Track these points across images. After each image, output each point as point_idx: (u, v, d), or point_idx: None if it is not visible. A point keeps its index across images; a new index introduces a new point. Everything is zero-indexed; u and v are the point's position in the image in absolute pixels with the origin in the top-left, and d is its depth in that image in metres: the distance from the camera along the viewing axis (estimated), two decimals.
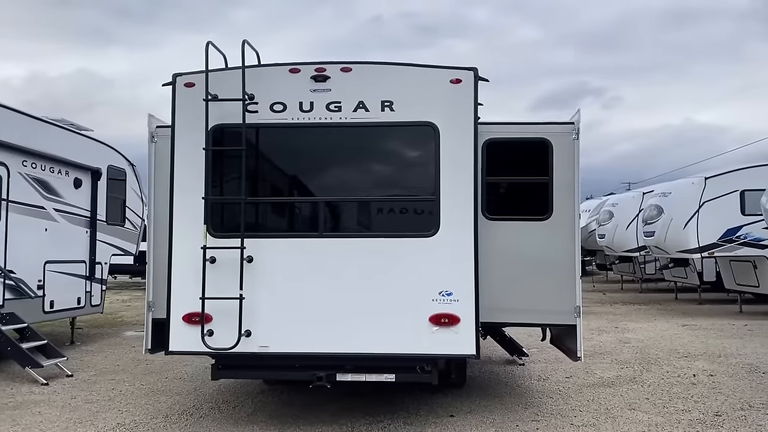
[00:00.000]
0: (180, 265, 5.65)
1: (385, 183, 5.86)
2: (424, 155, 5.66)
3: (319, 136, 5.84)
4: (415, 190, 5.79)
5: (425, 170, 5.63)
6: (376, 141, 5.89)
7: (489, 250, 5.80)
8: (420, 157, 5.82)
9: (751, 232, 15.51)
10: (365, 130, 5.78)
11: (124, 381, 8.53)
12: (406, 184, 5.84)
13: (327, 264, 5.60)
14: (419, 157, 5.83)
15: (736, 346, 11.53)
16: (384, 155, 5.93)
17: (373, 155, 5.95)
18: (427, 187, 5.58)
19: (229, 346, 5.49)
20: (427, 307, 5.46)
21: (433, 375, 5.63)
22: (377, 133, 5.79)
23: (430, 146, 5.55)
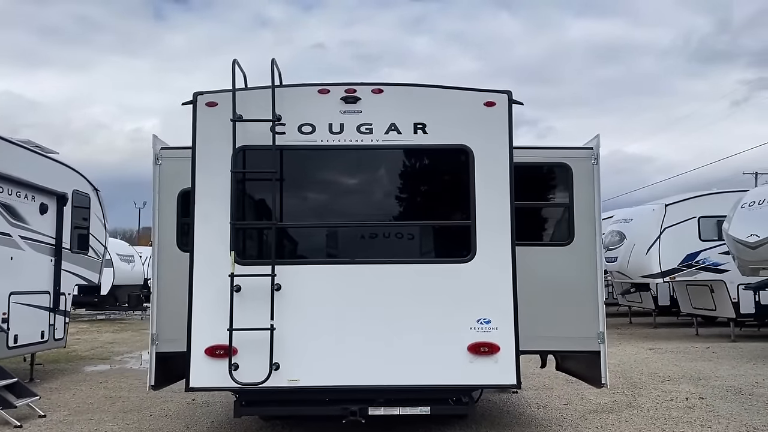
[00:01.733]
0: (202, 295, 5.30)
1: (418, 207, 5.70)
2: (459, 179, 5.54)
3: (349, 158, 5.64)
4: (450, 214, 5.64)
5: (460, 194, 5.50)
6: (408, 164, 5.74)
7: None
8: (454, 180, 5.69)
9: (709, 257, 16.10)
10: (397, 153, 5.62)
11: (104, 421, 7.93)
12: (440, 209, 5.69)
13: (359, 292, 5.36)
14: (453, 180, 5.70)
15: (709, 368, 11.81)
16: (417, 179, 5.77)
17: (406, 179, 5.78)
18: (462, 212, 5.45)
19: (258, 381, 5.15)
20: (465, 336, 5.28)
21: (470, 406, 5.45)
22: (410, 156, 5.64)
23: (465, 170, 5.43)
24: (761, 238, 12.33)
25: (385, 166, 5.71)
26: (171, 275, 6.17)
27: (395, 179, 5.76)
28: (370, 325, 5.32)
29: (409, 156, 5.63)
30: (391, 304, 5.34)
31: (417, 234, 5.72)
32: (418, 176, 5.77)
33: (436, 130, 5.46)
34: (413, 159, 5.67)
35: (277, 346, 5.22)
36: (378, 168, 5.69)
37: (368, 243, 5.53)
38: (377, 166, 5.68)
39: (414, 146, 5.50)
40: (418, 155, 5.62)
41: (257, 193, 5.56)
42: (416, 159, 5.67)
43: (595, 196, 6.29)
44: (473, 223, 5.36)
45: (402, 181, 5.79)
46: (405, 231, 5.70)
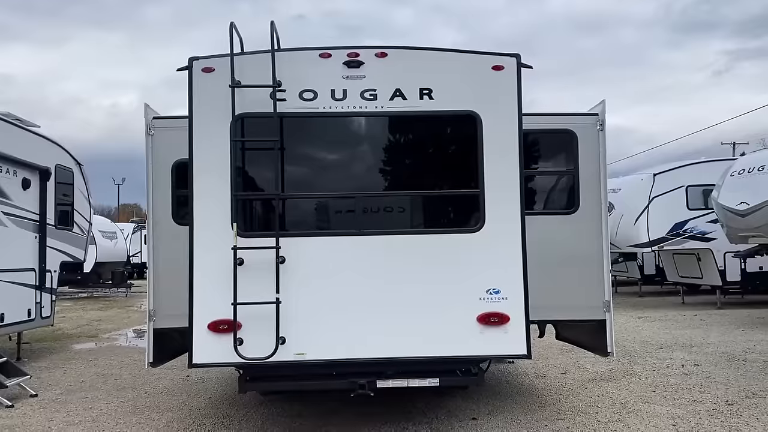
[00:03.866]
0: (203, 269, 5.11)
1: (426, 176, 5.52)
2: (467, 146, 5.38)
3: (353, 126, 5.45)
4: (458, 182, 5.49)
5: (468, 162, 5.34)
6: (415, 131, 5.56)
7: None
8: (462, 148, 5.53)
9: (696, 225, 16.20)
10: (403, 120, 5.43)
11: (99, 399, 7.77)
12: (448, 177, 5.52)
13: (366, 264, 5.22)
14: (461, 148, 5.54)
15: (700, 335, 11.93)
16: (424, 147, 5.59)
17: (413, 146, 5.60)
18: (470, 180, 5.29)
19: (264, 356, 5.00)
20: (474, 306, 5.18)
21: (479, 377, 5.36)
22: (416, 123, 5.45)
23: (473, 136, 5.26)
24: (751, 205, 12.40)
25: (390, 134, 5.52)
26: (167, 249, 5.98)
27: (401, 147, 5.58)
28: (377, 297, 5.19)
29: (416, 123, 5.44)
30: (399, 276, 5.21)
31: (425, 203, 5.56)
32: (425, 144, 5.60)
33: (442, 96, 5.28)
34: (419, 126, 5.48)
35: (283, 319, 5.08)
36: (383, 135, 5.50)
37: (374, 213, 5.37)
38: (382, 133, 5.49)
39: (420, 113, 5.31)
40: (424, 122, 5.43)
41: (258, 162, 5.35)
42: (423, 126, 5.48)
43: (600, 163, 6.19)
44: (482, 192, 5.22)
45: (408, 149, 5.61)
46: (412, 201, 5.54)
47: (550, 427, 6.15)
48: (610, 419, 6.38)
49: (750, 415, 6.42)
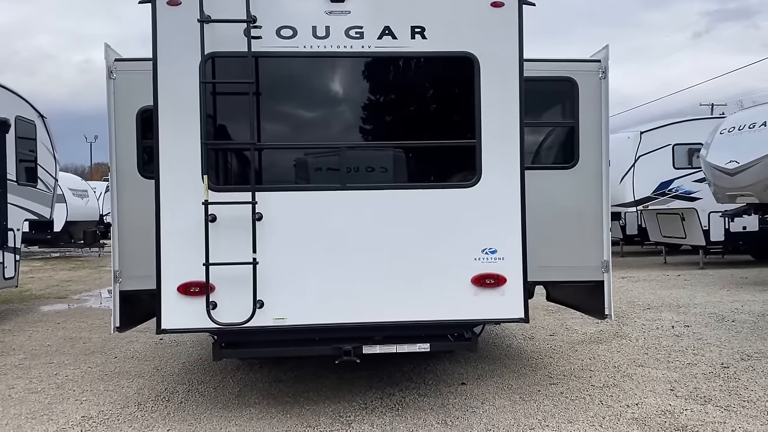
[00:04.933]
0: (172, 226, 4.63)
1: (417, 125, 5.03)
2: (462, 92, 4.90)
3: (337, 68, 4.92)
4: (453, 133, 5.01)
5: (463, 110, 4.87)
6: (405, 74, 5.05)
7: None
8: (457, 93, 5.04)
9: (682, 185, 15.98)
10: (393, 62, 4.92)
11: (66, 364, 7.33)
12: (441, 126, 5.04)
13: (351, 221, 4.77)
14: (456, 93, 5.05)
15: (686, 296, 11.77)
16: (415, 92, 5.08)
17: (403, 92, 5.09)
18: (465, 130, 4.83)
19: (240, 321, 4.58)
20: (468, 268, 4.78)
21: (473, 342, 5.00)
22: (407, 66, 4.95)
23: (469, 81, 4.78)
24: (741, 164, 12.13)
25: (378, 77, 5.00)
26: (133, 205, 5.48)
27: (390, 92, 5.07)
28: (363, 257, 4.76)
29: (406, 65, 4.94)
30: (386, 234, 4.78)
31: (415, 155, 5.09)
32: (417, 89, 5.09)
33: (436, 35, 4.77)
34: (411, 68, 4.97)
35: (261, 282, 4.65)
36: (370, 79, 4.97)
37: (360, 166, 4.89)
38: (369, 76, 4.96)
39: (411, 54, 4.81)
40: (416, 64, 4.93)
41: (231, 108, 4.83)
42: (414, 68, 4.98)
43: (602, 114, 5.76)
44: (478, 143, 4.76)
45: (398, 94, 5.10)
46: (402, 152, 5.07)
47: (543, 392, 5.86)
48: (604, 383, 6.11)
49: (748, 379, 6.19)
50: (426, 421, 5.15)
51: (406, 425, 5.05)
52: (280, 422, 5.15)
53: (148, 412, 5.49)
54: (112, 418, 5.36)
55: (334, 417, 5.25)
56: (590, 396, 5.73)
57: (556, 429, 4.92)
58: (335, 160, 4.79)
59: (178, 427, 5.12)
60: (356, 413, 5.34)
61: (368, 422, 5.12)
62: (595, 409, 5.38)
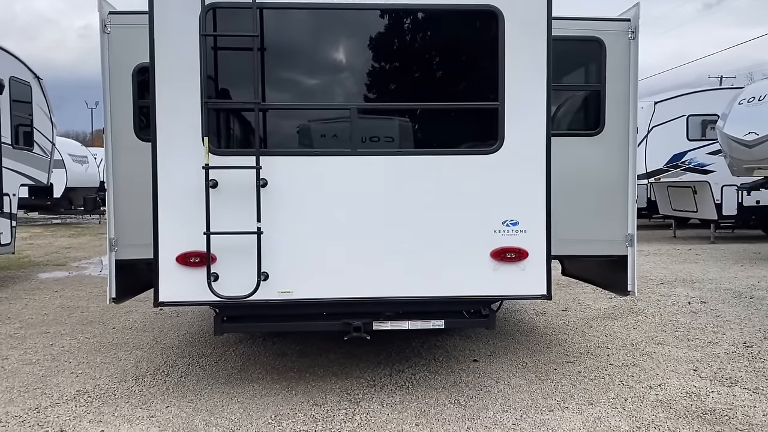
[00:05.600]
0: (170, 192, 4.31)
1: (434, 86, 4.65)
2: (485, 49, 4.52)
3: (349, 22, 4.53)
4: (474, 94, 4.64)
5: (485, 69, 4.50)
6: (423, 29, 4.65)
7: None
8: (479, 51, 4.65)
9: (695, 157, 15.58)
10: (410, 15, 4.53)
11: (62, 334, 7.08)
12: (461, 87, 4.67)
13: (362, 189, 4.44)
14: (478, 51, 4.66)
15: (699, 271, 11.49)
16: (434, 49, 4.69)
17: (420, 49, 4.69)
18: (487, 91, 4.46)
19: (244, 294, 4.28)
20: (488, 240, 4.46)
21: (490, 319, 4.71)
22: (425, 19, 4.55)
23: (492, 38, 4.39)
24: (760, 136, 11.73)
25: (393, 32, 4.60)
26: (129, 169, 5.15)
27: (406, 49, 4.67)
28: (375, 228, 4.44)
29: (425, 19, 4.53)
30: (399, 204, 4.45)
31: (432, 119, 4.73)
32: (435, 46, 4.68)
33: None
34: (429, 23, 4.57)
35: (266, 253, 4.34)
36: (385, 34, 4.57)
37: (372, 130, 4.54)
38: (384, 31, 4.56)
39: (430, 6, 4.41)
40: (435, 18, 4.53)
41: (234, 65, 4.46)
42: (433, 23, 4.57)
43: (631, 77, 5.38)
44: (501, 106, 4.40)
45: (415, 52, 4.70)
46: (417, 115, 4.70)
47: (560, 371, 5.60)
48: (623, 362, 5.84)
49: None
50: (438, 400, 4.89)
51: (417, 404, 4.79)
52: (284, 399, 4.90)
53: (146, 387, 5.23)
54: (108, 393, 5.10)
55: (341, 395, 5.00)
56: (609, 376, 5.46)
57: (577, 411, 4.66)
58: (346, 123, 4.44)
59: (177, 403, 4.86)
60: (364, 391, 5.08)
61: (377, 401, 4.86)
62: (616, 389, 5.12)
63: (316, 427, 4.38)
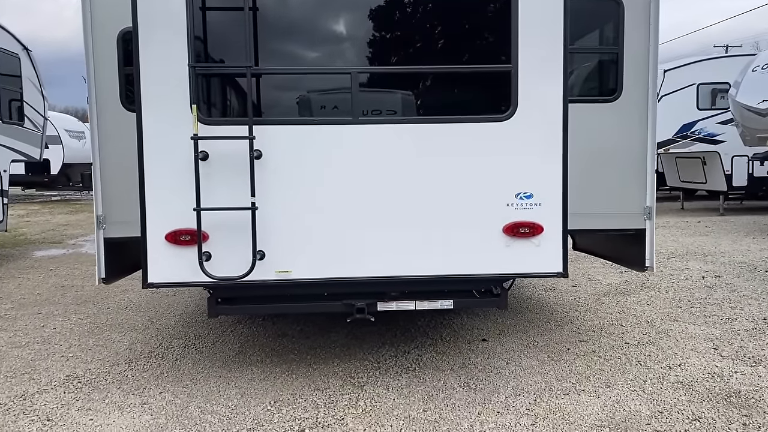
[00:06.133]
0: (157, 165, 4.00)
1: (441, 47, 4.30)
2: (496, 7, 4.16)
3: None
4: (484, 55, 4.30)
5: (497, 28, 4.15)
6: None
7: None
8: (490, 8, 4.30)
9: (705, 127, 15.19)
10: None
11: (54, 315, 6.83)
12: (470, 48, 4.31)
13: (364, 161, 4.12)
14: (489, 8, 4.30)
15: (710, 243, 11.19)
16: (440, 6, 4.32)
17: (426, 6, 4.33)
18: (500, 52, 4.11)
19: (238, 274, 3.99)
20: (500, 215, 4.16)
21: (502, 299, 4.42)
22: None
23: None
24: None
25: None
26: (116, 140, 4.83)
27: (411, 7, 4.32)
28: (378, 202, 4.14)
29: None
30: (405, 176, 4.14)
31: (440, 83, 4.39)
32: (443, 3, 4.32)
33: None
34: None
35: (261, 230, 4.04)
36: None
37: (375, 96, 4.21)
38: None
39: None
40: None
41: (224, 26, 4.11)
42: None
43: (650, 39, 5.02)
44: (514, 68, 4.06)
45: (420, 10, 4.35)
46: (423, 79, 4.36)
47: (573, 350, 5.34)
48: (639, 341, 5.57)
49: None
50: (446, 383, 4.63)
51: (424, 388, 4.53)
52: (284, 384, 4.65)
53: (140, 371, 4.98)
54: (99, 378, 4.85)
55: (345, 378, 4.74)
56: (626, 355, 5.20)
57: (593, 394, 4.40)
58: (346, 89, 4.10)
59: (171, 388, 4.62)
60: (369, 373, 4.83)
61: (382, 384, 4.61)
62: (634, 370, 4.86)
63: (317, 414, 4.13)
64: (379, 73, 4.32)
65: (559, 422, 3.98)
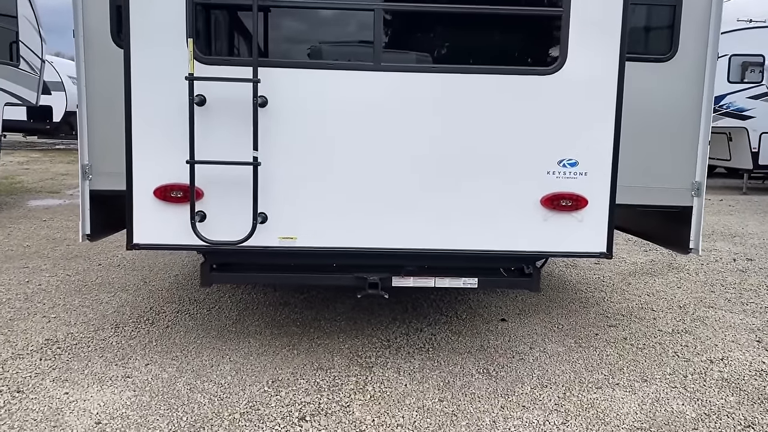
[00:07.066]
0: (146, 109, 3.46)
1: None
2: None
3: None
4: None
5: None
6: None
7: None
8: None
9: (734, 101, 14.46)
10: None
11: (41, 270, 6.38)
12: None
13: (384, 114, 3.58)
14: None
15: (736, 223, 10.65)
16: None
17: None
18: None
19: (236, 239, 3.49)
20: (539, 184, 3.62)
21: (533, 280, 3.91)
22: None
23: None
24: None
25: None
26: (105, 81, 4.27)
27: None
28: (399, 163, 3.61)
29: None
30: (432, 134, 3.59)
31: (477, 27, 3.80)
32: None
33: None
34: None
35: (264, 189, 3.52)
36: None
37: (401, 39, 3.64)
38: None
39: None
40: None
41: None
42: None
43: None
44: (566, 12, 3.48)
45: None
46: (459, 22, 3.78)
47: (603, 336, 4.86)
48: (674, 329, 5.09)
49: None
50: (464, 368, 4.17)
51: (439, 373, 4.07)
52: (284, 361, 4.19)
53: (126, 338, 4.53)
54: (81, 344, 4.41)
55: (351, 357, 4.28)
56: (661, 345, 4.72)
57: (629, 389, 3.93)
58: (367, 29, 3.53)
59: (159, 360, 4.17)
60: (377, 353, 4.37)
61: (393, 366, 4.15)
62: (671, 363, 4.38)
63: (320, 399, 3.68)
64: (408, 11, 3.72)
65: (593, 422, 3.52)
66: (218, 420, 3.41)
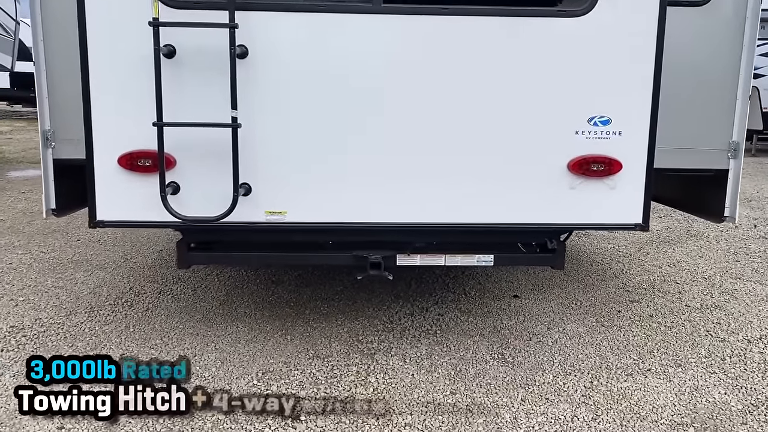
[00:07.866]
0: (105, 64, 2.94)
1: None
2: None
3: None
4: None
5: None
6: None
7: None
8: None
9: None
10: None
11: (14, 246, 5.91)
12: None
13: (386, 65, 3.06)
14: None
15: (750, 187, 10.20)
16: None
17: None
18: None
19: (215, 215, 3.00)
20: (566, 145, 3.13)
21: (557, 257, 3.44)
22: None
23: None
24: None
25: None
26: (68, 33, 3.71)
27: None
28: (404, 124, 3.10)
29: None
30: (441, 89, 3.08)
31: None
32: None
33: None
34: None
35: (246, 156, 3.02)
36: None
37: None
38: None
39: None
40: None
41: None
42: None
43: None
44: None
45: None
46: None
47: (626, 314, 4.43)
48: (702, 303, 4.66)
49: None
50: (476, 353, 3.74)
51: (450, 360, 3.64)
52: (276, 348, 3.75)
53: (101, 324, 4.08)
54: (49, 331, 3.96)
55: (350, 343, 3.85)
56: (690, 322, 4.29)
57: (663, 376, 3.51)
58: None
59: (136, 348, 3.73)
60: (380, 337, 3.93)
61: (397, 353, 3.72)
62: (705, 344, 3.96)
63: (317, 393, 3.25)
64: None
65: (627, 416, 3.10)
66: (199, 422, 2.98)
